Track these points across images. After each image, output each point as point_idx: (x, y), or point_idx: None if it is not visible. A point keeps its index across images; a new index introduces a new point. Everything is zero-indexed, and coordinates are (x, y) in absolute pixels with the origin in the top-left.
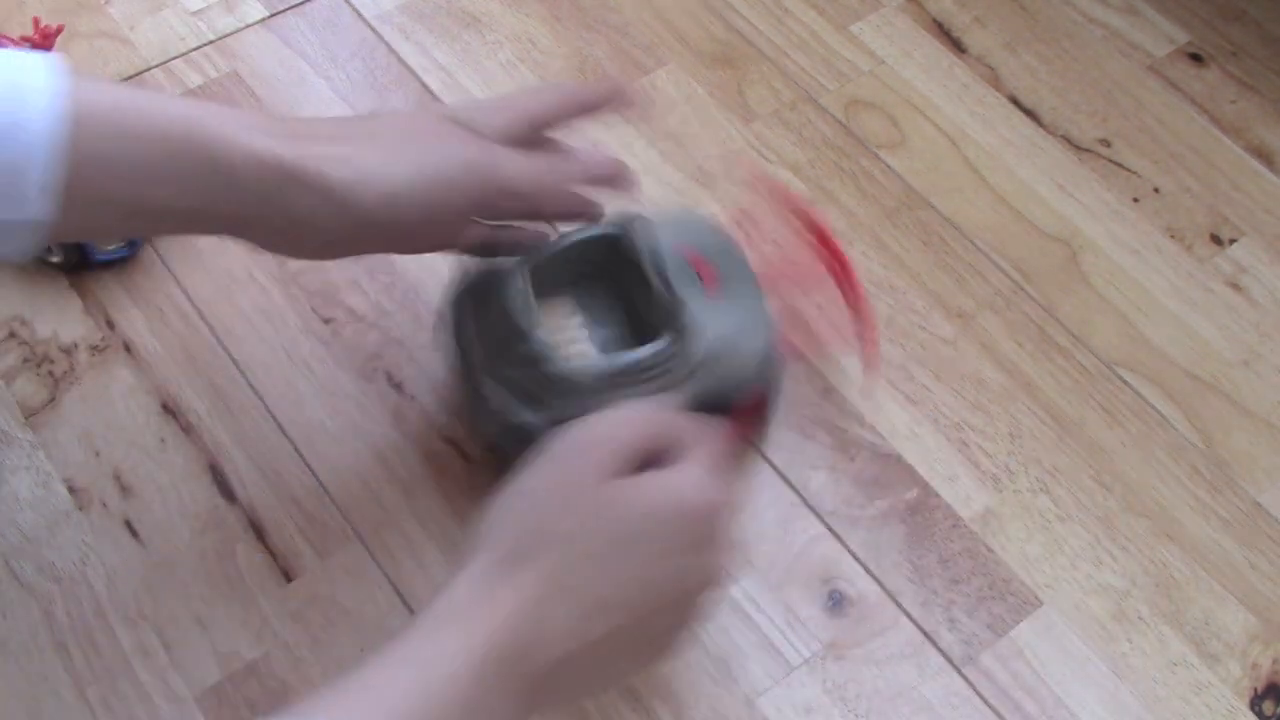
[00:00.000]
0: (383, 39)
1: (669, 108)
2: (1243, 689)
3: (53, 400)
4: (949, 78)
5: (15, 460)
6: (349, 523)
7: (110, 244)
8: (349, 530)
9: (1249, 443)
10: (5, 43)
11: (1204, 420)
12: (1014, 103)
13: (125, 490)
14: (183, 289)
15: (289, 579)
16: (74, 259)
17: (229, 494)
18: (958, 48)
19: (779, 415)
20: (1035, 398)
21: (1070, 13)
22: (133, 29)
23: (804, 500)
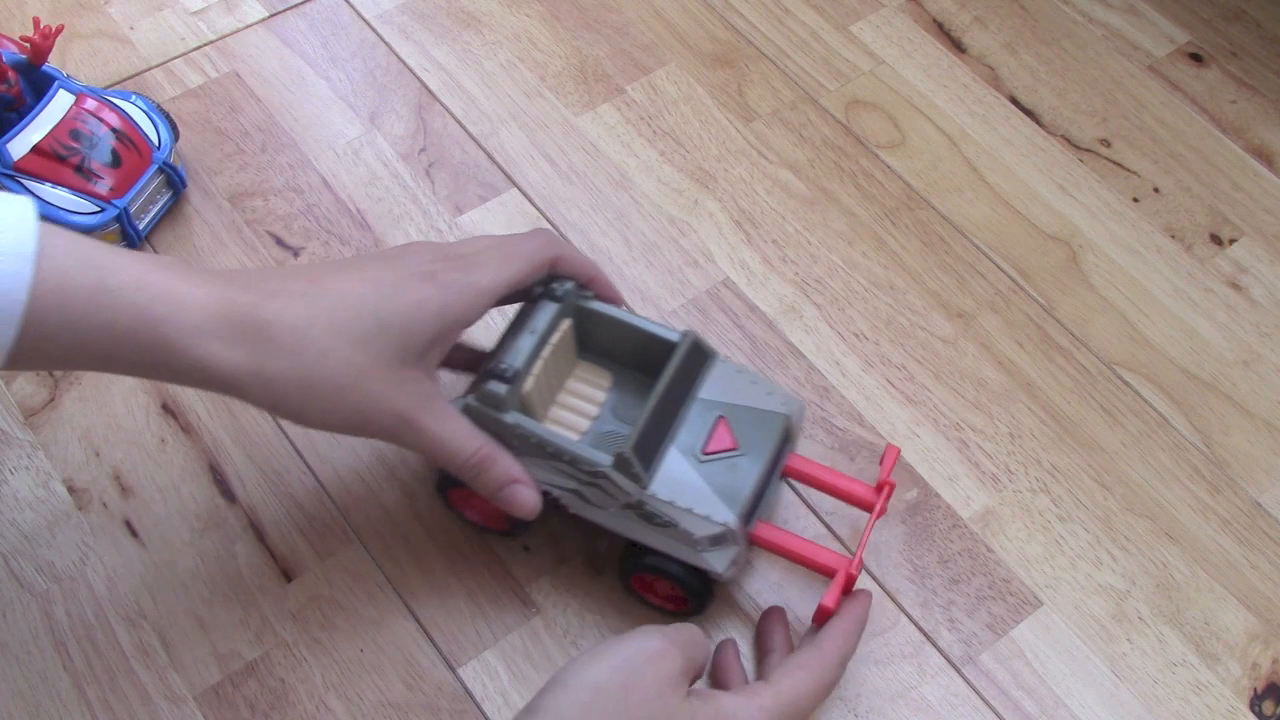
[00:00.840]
0: (383, 39)
1: (669, 107)
2: (1242, 689)
3: (52, 400)
4: (949, 78)
5: (15, 460)
6: (349, 523)
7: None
8: (349, 530)
9: (1249, 443)
10: (5, 43)
11: (1204, 420)
12: (1014, 103)
13: (125, 490)
14: None
15: (289, 579)
16: None
17: (229, 494)
18: (958, 48)
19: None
20: (1035, 398)
21: (1070, 13)
22: (133, 29)
23: (804, 500)
